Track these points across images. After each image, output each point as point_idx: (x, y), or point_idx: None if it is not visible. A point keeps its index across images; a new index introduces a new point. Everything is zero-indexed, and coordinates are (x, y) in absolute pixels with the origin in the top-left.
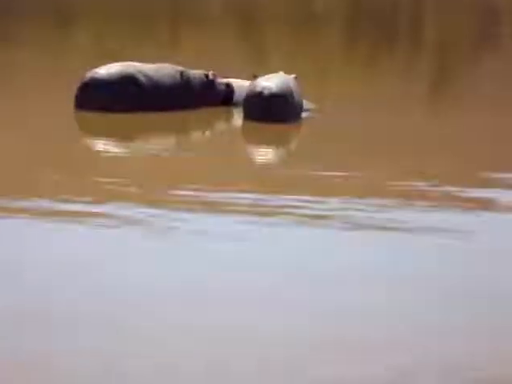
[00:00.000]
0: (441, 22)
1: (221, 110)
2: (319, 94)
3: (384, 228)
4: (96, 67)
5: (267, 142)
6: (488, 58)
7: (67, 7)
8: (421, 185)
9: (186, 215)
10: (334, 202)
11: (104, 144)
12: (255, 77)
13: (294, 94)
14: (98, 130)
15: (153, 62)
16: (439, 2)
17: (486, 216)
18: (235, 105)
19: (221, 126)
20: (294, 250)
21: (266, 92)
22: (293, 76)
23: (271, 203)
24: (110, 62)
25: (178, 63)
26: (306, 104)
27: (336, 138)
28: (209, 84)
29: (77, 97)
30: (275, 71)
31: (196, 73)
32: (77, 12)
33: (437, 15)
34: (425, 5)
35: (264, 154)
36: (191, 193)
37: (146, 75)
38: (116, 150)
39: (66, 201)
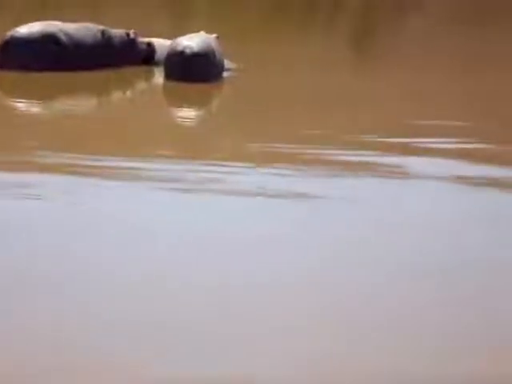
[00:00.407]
0: None
1: (142, 69)
2: (241, 53)
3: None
4: (17, 26)
5: (188, 102)
6: (411, 16)
7: None
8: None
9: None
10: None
11: (23, 104)
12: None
13: (216, 53)
14: (17, 89)
15: (74, 21)
16: None
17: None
18: (156, 64)
19: (142, 85)
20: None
21: (187, 51)
22: (214, 36)
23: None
24: (31, 22)
25: (99, 23)
26: (227, 63)
27: (257, 98)
28: (130, 43)
29: None
30: (196, 30)
31: (117, 32)
32: None
33: None
34: None
35: (185, 114)
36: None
37: (66, 34)
38: (34, 110)
39: None
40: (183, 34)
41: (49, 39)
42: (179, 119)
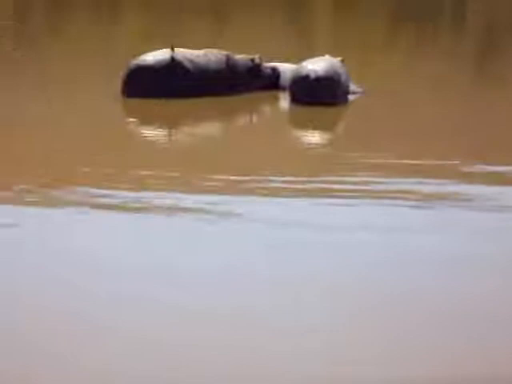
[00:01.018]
0: (485, 3)
1: (267, 94)
2: (365, 75)
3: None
4: (143, 54)
5: (313, 125)
6: None
7: None
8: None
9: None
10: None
11: (150, 130)
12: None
13: (341, 77)
14: (144, 116)
15: (199, 47)
16: None
17: None
18: (281, 89)
19: (267, 109)
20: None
21: (312, 75)
22: (339, 59)
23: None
24: (156, 49)
25: (225, 48)
26: (352, 86)
27: (381, 121)
28: (255, 68)
29: (124, 83)
30: (321, 54)
31: (242, 57)
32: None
33: None
34: None
35: (310, 138)
36: (240, 178)
37: (192, 61)
38: (162, 136)
39: (110, 188)
40: (308, 57)
41: (174, 67)
42: (305, 143)
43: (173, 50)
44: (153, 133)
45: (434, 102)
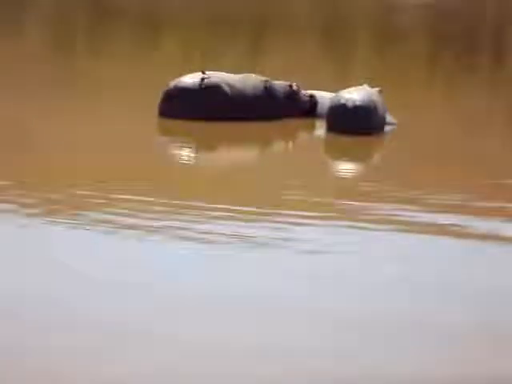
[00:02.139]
0: None
1: (304, 121)
2: (403, 106)
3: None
4: (181, 76)
5: (348, 155)
6: None
7: (154, 16)
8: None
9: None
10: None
11: (187, 153)
12: (203, 72)
13: (378, 107)
14: (181, 138)
15: (237, 71)
16: None
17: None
18: (318, 116)
19: (303, 137)
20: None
21: (349, 104)
22: (377, 89)
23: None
24: (194, 72)
25: (262, 73)
26: (389, 117)
27: (416, 153)
28: (292, 94)
29: (161, 105)
30: (359, 84)
31: (280, 83)
32: (163, 21)
33: None
34: (509, 17)
35: (344, 168)
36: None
37: (230, 85)
38: (199, 159)
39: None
40: (345, 87)
41: (213, 90)
42: (338, 172)
43: (204, 73)
44: (187, 155)
45: (468, 138)
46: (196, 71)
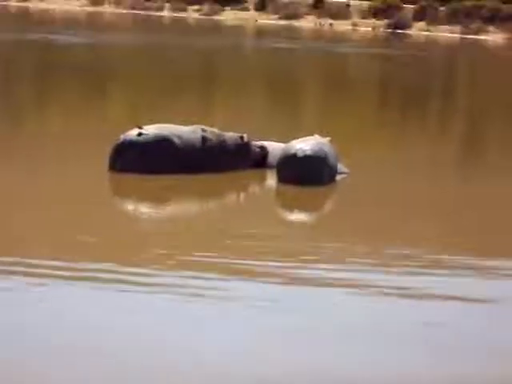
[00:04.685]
0: (473, 87)
1: (255, 172)
2: (354, 156)
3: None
4: (129, 130)
5: (299, 205)
6: None
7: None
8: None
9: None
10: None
11: (134, 207)
12: (139, 127)
13: (329, 157)
14: (131, 192)
15: (186, 124)
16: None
17: None
18: (269, 167)
19: (254, 188)
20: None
21: (299, 153)
22: (327, 139)
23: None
24: (143, 125)
25: (211, 126)
26: (340, 167)
27: (367, 202)
28: (243, 146)
29: (111, 158)
30: (309, 134)
31: (230, 135)
32: (108, 78)
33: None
34: (457, 68)
35: (295, 218)
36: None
37: (180, 137)
38: (148, 212)
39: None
40: (296, 137)
41: (163, 142)
42: (288, 222)
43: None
44: (137, 210)
45: (418, 188)
46: (146, 124)
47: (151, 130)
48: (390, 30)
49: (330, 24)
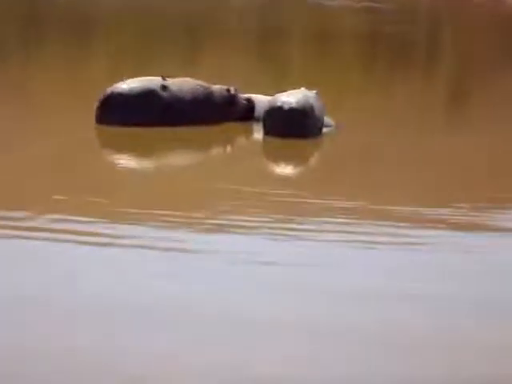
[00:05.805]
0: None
1: (241, 124)
2: (341, 109)
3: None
4: (117, 82)
5: (285, 158)
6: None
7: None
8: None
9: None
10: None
11: (124, 159)
12: (163, 78)
13: (315, 110)
14: (118, 145)
15: (173, 76)
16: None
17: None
18: (256, 120)
19: (241, 141)
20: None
21: (285, 106)
22: (314, 92)
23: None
24: (130, 78)
25: (199, 78)
26: (327, 120)
27: (353, 156)
28: (230, 98)
29: (98, 111)
30: (297, 86)
31: (217, 87)
32: (97, 27)
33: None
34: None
35: (281, 171)
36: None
37: (167, 89)
38: (135, 165)
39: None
40: (283, 90)
41: (149, 94)
42: (275, 175)
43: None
44: (123, 162)
45: (405, 140)
46: (131, 78)
47: (138, 82)
48: None
49: None
